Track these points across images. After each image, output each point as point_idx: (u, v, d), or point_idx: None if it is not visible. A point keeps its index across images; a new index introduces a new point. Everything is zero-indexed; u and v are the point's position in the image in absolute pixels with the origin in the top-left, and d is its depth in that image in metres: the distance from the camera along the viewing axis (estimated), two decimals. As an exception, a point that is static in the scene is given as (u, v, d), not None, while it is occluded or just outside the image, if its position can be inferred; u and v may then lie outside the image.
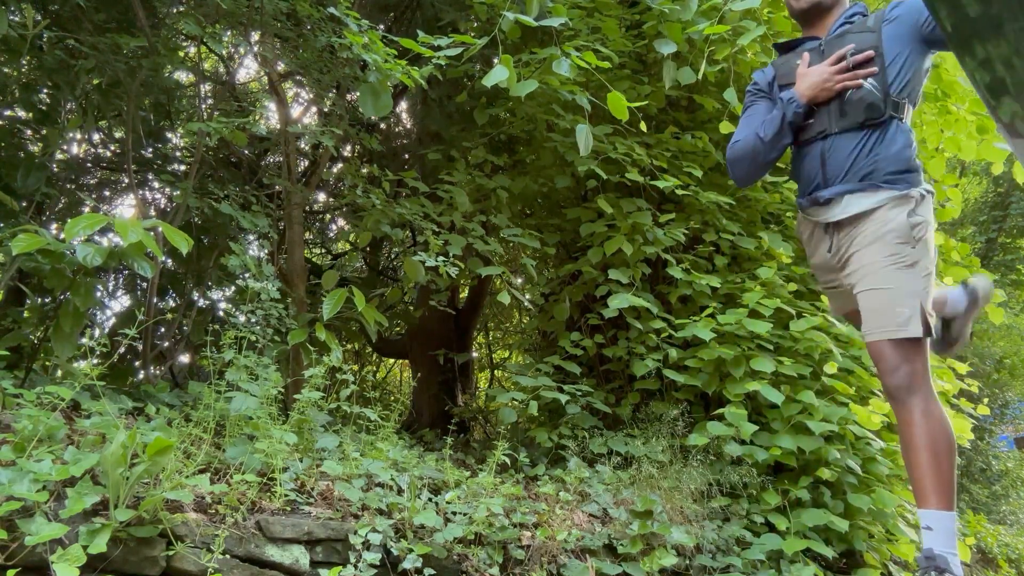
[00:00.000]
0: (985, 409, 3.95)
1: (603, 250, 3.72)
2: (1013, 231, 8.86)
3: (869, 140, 2.01)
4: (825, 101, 2.07)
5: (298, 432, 2.48)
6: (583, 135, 3.21)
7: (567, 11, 3.36)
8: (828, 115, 2.07)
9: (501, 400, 3.52)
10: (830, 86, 2.04)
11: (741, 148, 2.22)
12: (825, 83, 2.04)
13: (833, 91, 2.04)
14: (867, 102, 2.00)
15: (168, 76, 4.01)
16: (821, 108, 2.08)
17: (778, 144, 2.15)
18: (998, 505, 7.27)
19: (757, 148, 2.17)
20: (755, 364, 3.22)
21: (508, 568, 2.38)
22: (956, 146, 3.74)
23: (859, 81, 2.01)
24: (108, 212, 4.15)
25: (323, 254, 6.77)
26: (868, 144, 2.00)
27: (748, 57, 3.90)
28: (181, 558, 1.80)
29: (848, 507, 3.12)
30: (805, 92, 2.07)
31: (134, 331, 2.12)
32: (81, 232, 2.31)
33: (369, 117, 4.02)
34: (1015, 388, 8.51)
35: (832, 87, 2.04)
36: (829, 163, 2.05)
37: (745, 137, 2.22)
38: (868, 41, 2.04)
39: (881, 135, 2.00)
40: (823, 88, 2.05)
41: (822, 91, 2.05)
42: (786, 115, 2.10)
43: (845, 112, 2.04)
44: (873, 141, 2.00)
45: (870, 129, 2.01)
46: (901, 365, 1.88)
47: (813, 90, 2.06)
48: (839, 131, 2.05)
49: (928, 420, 1.84)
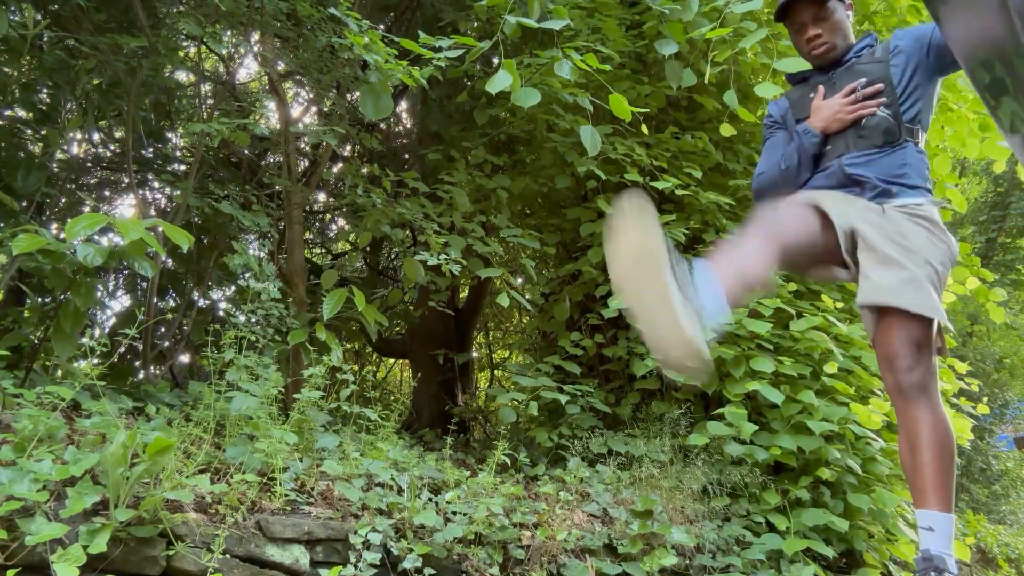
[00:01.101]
0: (985, 409, 3.95)
1: (603, 250, 3.72)
2: (1013, 231, 8.86)
3: (891, 156, 2.03)
4: (840, 131, 2.09)
5: (298, 432, 2.48)
6: (589, 137, 3.21)
7: (567, 11, 3.36)
8: (845, 140, 2.10)
9: (501, 400, 3.53)
10: (842, 116, 2.07)
11: (767, 180, 2.27)
12: (837, 114, 2.08)
13: (846, 121, 2.08)
14: (883, 127, 2.04)
15: (168, 76, 4.01)
16: (837, 136, 2.11)
17: (799, 174, 2.18)
18: (998, 505, 7.27)
19: (780, 178, 2.21)
20: (755, 364, 3.22)
21: (508, 568, 2.38)
22: (960, 141, 3.73)
23: (872, 109, 2.03)
24: (108, 212, 4.15)
25: (323, 254, 6.77)
26: (891, 158, 2.03)
27: (749, 59, 3.90)
28: (181, 558, 1.80)
29: (848, 507, 3.13)
30: (818, 124, 2.12)
31: (134, 331, 2.12)
32: (82, 232, 2.31)
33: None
34: (1015, 388, 8.51)
35: (845, 118, 2.07)
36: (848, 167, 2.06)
37: (768, 169, 2.26)
38: (877, 72, 2.07)
39: (900, 155, 2.02)
40: (835, 120, 2.09)
41: (835, 122, 2.09)
42: (804, 144, 2.13)
43: (862, 136, 2.07)
44: (895, 157, 2.02)
45: (889, 149, 2.03)
46: (917, 365, 1.88)
47: (826, 122, 2.11)
48: (857, 151, 2.07)
49: (934, 421, 1.85)
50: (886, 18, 3.90)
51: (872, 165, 2.04)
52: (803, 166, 2.16)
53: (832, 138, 2.12)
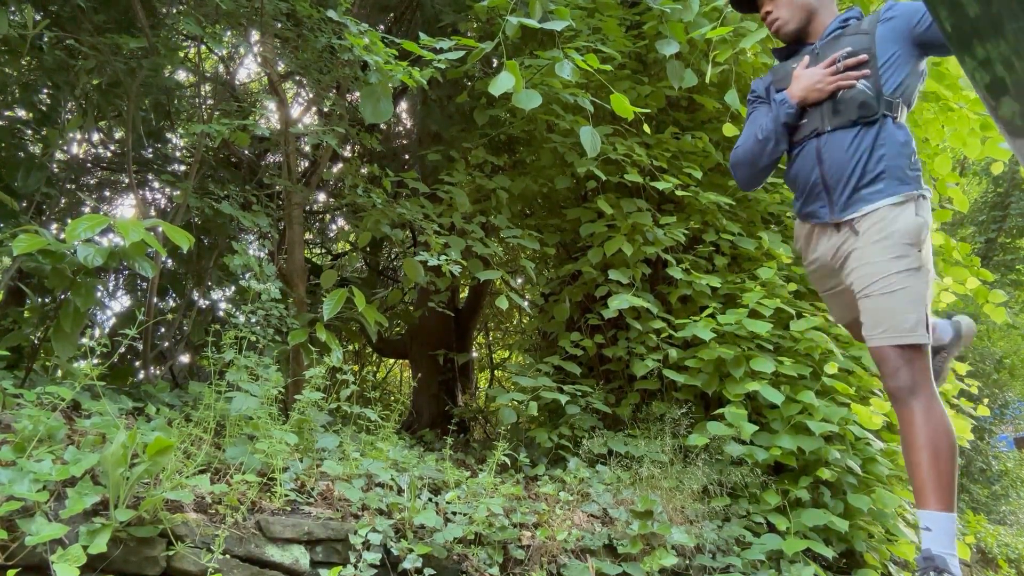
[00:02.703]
0: (985, 409, 3.95)
1: (603, 250, 3.72)
2: (1013, 231, 8.86)
3: (866, 138, 2.01)
4: (817, 102, 2.08)
5: (298, 432, 2.48)
6: (589, 138, 3.21)
7: (568, 12, 3.36)
8: (821, 114, 2.08)
9: (501, 400, 3.53)
10: (821, 87, 2.06)
11: (742, 152, 2.26)
12: (816, 84, 2.06)
13: (825, 92, 2.06)
14: (859, 100, 2.02)
15: (168, 76, 4.01)
16: (814, 108, 2.10)
17: (775, 146, 2.17)
18: (998, 505, 7.27)
19: (755, 150, 2.20)
20: (755, 364, 3.22)
21: (508, 568, 2.38)
22: (961, 141, 3.72)
23: (852, 81, 2.02)
24: (108, 212, 4.16)
25: (323, 254, 6.77)
26: (865, 141, 2.00)
27: (749, 59, 3.90)
28: (181, 558, 1.80)
29: (848, 507, 3.12)
30: (797, 93, 2.10)
31: (134, 331, 2.12)
32: (82, 233, 2.31)
33: (369, 120, 4.02)
34: (1015, 388, 8.51)
35: (824, 87, 2.06)
36: (826, 160, 2.05)
37: (744, 141, 2.25)
38: (862, 43, 2.05)
39: (877, 133, 2.00)
40: (815, 89, 2.07)
41: (813, 92, 2.07)
42: (779, 116, 2.12)
43: (838, 110, 2.05)
44: (870, 139, 2.00)
45: (864, 127, 2.01)
46: (903, 368, 1.88)
47: (805, 91, 2.08)
48: (832, 128, 2.06)
49: (929, 421, 1.85)
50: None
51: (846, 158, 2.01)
52: (779, 137, 2.15)
53: (809, 110, 2.11)
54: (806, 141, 2.12)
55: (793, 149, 2.18)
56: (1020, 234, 8.87)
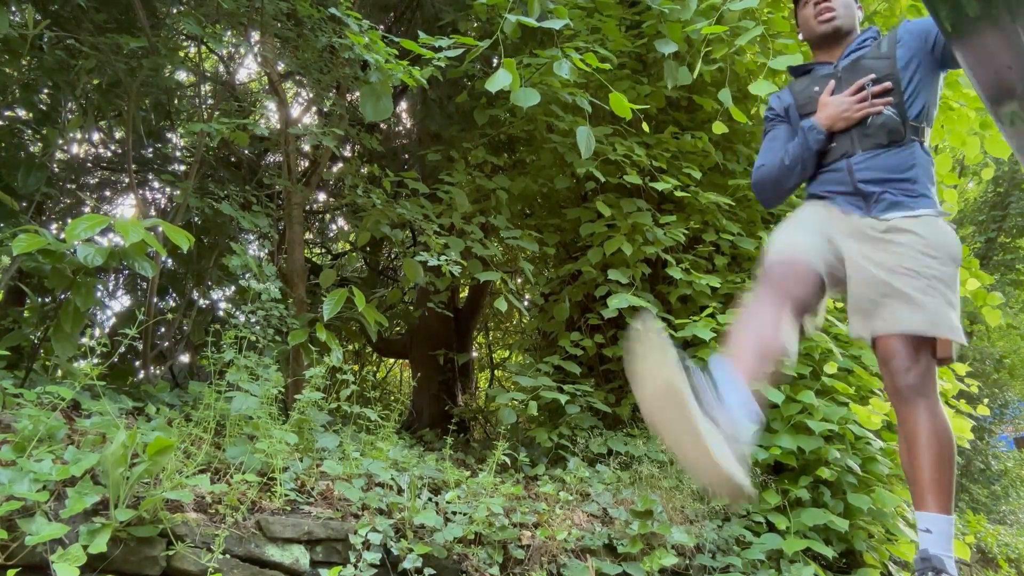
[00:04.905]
0: (985, 409, 3.95)
1: (603, 250, 3.72)
2: (1012, 231, 8.86)
3: (899, 154, 2.02)
4: (845, 129, 2.09)
5: (298, 432, 2.48)
6: (584, 138, 3.21)
7: (567, 11, 3.36)
8: (851, 139, 2.09)
9: (501, 400, 3.53)
10: (849, 115, 2.06)
11: (767, 173, 2.25)
12: (844, 112, 2.07)
13: (853, 120, 2.07)
14: (888, 127, 2.03)
15: (168, 76, 4.01)
16: (842, 134, 2.10)
17: (802, 170, 2.18)
18: (998, 505, 7.28)
19: (782, 174, 2.20)
20: (755, 364, 3.21)
21: (508, 568, 2.38)
22: (960, 141, 3.72)
23: (880, 108, 2.03)
24: (108, 212, 4.16)
25: (323, 254, 6.77)
26: (899, 157, 2.02)
27: (746, 58, 3.90)
28: (181, 558, 1.80)
29: (848, 507, 3.12)
30: (824, 121, 2.11)
31: (134, 331, 2.12)
32: (83, 233, 2.31)
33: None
34: (1015, 388, 8.52)
35: (852, 115, 2.06)
36: (858, 173, 2.05)
37: (770, 163, 2.24)
38: (884, 68, 2.06)
39: (909, 153, 2.02)
40: (842, 117, 2.08)
41: (841, 120, 2.08)
42: (808, 143, 2.12)
43: (867, 135, 2.06)
44: (903, 156, 2.02)
45: (895, 146, 2.03)
46: (914, 366, 1.87)
47: (832, 120, 2.09)
48: (863, 150, 2.06)
49: (933, 423, 1.85)
50: (886, 18, 3.90)
51: (881, 167, 2.02)
52: (807, 162, 2.16)
53: (837, 135, 2.11)
54: (837, 161, 2.12)
55: (820, 167, 2.18)
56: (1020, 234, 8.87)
